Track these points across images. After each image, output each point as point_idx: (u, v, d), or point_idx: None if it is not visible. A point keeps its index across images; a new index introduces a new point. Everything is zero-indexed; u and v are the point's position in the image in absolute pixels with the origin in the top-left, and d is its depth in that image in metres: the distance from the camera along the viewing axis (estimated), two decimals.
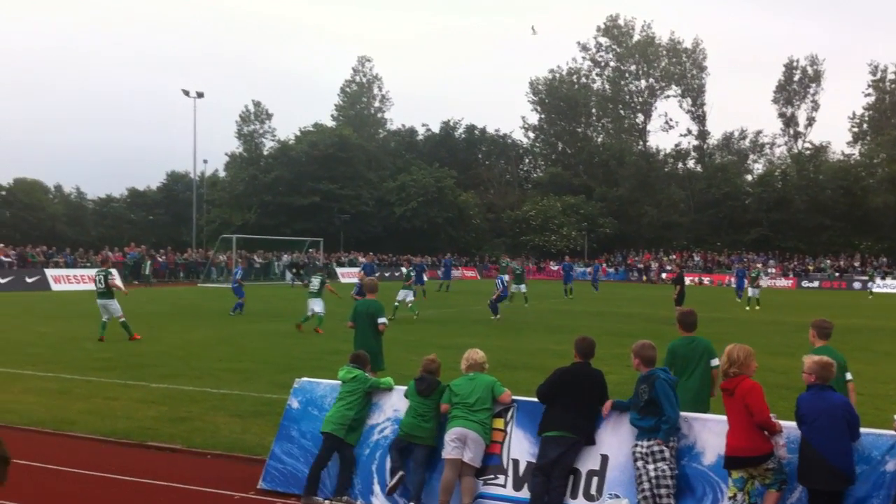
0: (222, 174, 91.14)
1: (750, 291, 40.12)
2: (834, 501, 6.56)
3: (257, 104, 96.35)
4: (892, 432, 6.77)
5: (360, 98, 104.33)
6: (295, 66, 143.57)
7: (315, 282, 25.45)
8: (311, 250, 64.60)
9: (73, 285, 46.55)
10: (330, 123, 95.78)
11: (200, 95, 67.23)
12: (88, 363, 17.29)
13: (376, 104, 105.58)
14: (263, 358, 18.47)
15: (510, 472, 8.00)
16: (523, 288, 37.17)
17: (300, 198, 78.83)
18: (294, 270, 57.40)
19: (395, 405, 8.80)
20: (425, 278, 43.44)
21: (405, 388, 8.82)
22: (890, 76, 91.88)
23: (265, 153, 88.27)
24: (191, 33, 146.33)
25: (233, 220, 77.29)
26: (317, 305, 24.65)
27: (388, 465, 8.40)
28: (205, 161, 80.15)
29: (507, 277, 32.42)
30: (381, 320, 12.76)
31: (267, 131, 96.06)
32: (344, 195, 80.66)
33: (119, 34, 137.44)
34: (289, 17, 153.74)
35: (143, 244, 62.73)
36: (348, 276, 59.37)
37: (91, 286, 45.95)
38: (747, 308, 38.86)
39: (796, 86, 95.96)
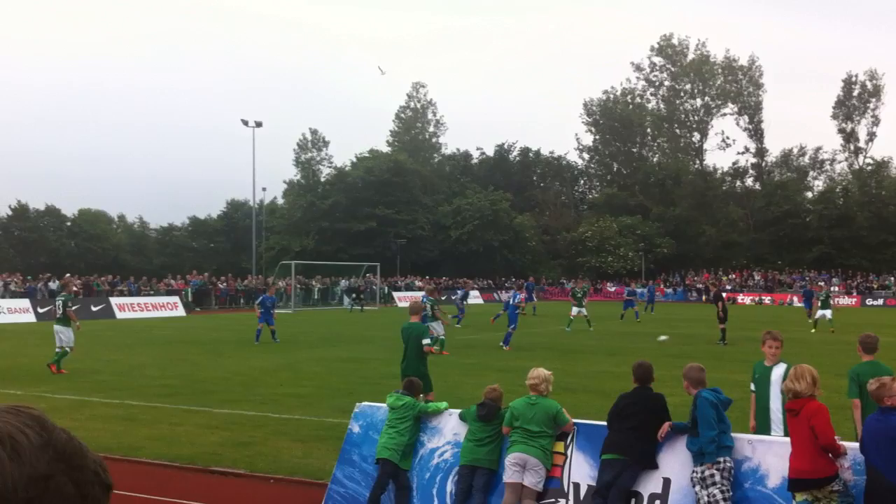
0: (280, 201, 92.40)
1: (818, 313, 39.10)
2: None
3: (314, 132, 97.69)
4: None
5: (414, 123, 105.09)
6: (351, 93, 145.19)
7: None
8: (368, 275, 65.03)
9: (137, 313, 47.49)
10: (385, 149, 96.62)
11: (259, 125, 68.31)
12: (153, 390, 17.62)
13: (431, 129, 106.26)
14: (323, 383, 18.64)
15: (571, 496, 7.97)
16: (584, 311, 36.77)
17: (357, 223, 79.49)
18: (353, 296, 57.79)
19: (454, 429, 8.83)
20: (534, 297, 47.14)
21: (459, 410, 8.87)
22: None
23: (322, 180, 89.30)
24: (249, 63, 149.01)
25: (291, 247, 78.16)
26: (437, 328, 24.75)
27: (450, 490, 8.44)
28: (263, 189, 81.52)
29: (520, 297, 31.67)
30: (426, 341, 12.91)
31: (324, 158, 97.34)
32: (400, 219, 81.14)
33: (180, 65, 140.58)
34: (345, 44, 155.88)
35: (205, 271, 63.74)
36: (403, 300, 59.59)
37: (154, 313, 47.76)
38: (813, 330, 37.98)
39: (856, 101, 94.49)
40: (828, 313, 38.21)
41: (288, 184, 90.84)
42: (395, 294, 65.08)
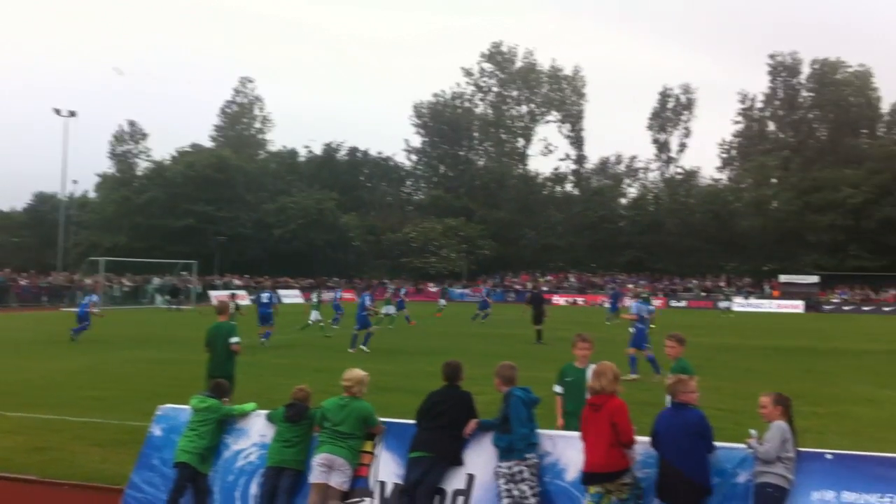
0: (93, 195, 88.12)
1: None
2: None
3: (132, 123, 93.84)
4: (743, 446, 6.96)
5: (240, 119, 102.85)
6: (173, 85, 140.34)
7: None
8: (183, 273, 62.89)
9: None
10: (209, 144, 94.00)
11: (73, 114, 64.92)
12: None
13: (257, 125, 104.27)
14: (129, 385, 17.87)
15: (377, 495, 7.92)
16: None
17: (174, 220, 76.92)
18: (167, 296, 55.73)
19: (260, 430, 8.65)
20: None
21: (267, 412, 8.68)
22: (758, 105, 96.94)
23: (139, 174, 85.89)
24: (64, 50, 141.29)
25: (102, 243, 74.75)
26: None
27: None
28: (74, 182, 77.59)
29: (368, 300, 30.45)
30: (234, 340, 12.76)
31: (142, 151, 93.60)
32: (221, 217, 79.14)
33: None
34: (167, 35, 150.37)
35: (7, 267, 59.89)
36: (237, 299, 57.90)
37: None
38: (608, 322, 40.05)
39: (670, 113, 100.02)
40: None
41: (102, 177, 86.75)
42: (213, 293, 63.16)
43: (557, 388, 9.48)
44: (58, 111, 64.75)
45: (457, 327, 38.98)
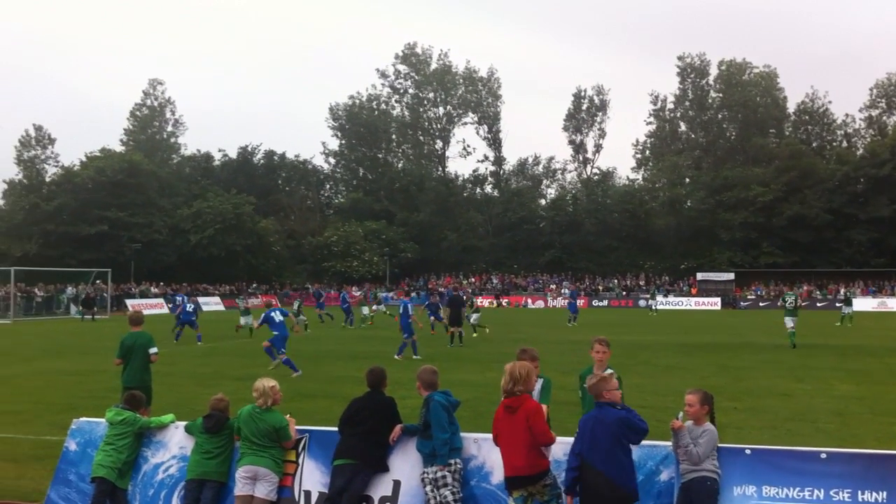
0: (0, 202, 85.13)
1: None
2: None
3: (38, 128, 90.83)
4: (666, 443, 7.04)
5: (151, 122, 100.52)
6: (80, 87, 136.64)
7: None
8: (97, 281, 61.24)
9: None
10: (119, 149, 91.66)
11: None
12: None
13: (169, 129, 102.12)
14: (42, 398, 17.28)
15: None
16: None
17: (87, 226, 74.75)
18: (81, 305, 54.22)
19: (180, 442, 8.49)
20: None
21: (185, 423, 8.52)
22: (669, 106, 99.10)
23: (47, 180, 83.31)
24: None
25: (12, 252, 72.22)
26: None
27: None
28: None
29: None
30: (153, 351, 12.60)
31: (49, 157, 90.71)
32: (135, 223, 77.27)
33: None
34: (73, 34, 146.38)
35: None
36: (137, 308, 56.69)
37: None
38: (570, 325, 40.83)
39: (584, 114, 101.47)
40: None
41: (8, 184, 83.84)
42: (129, 301, 61.67)
43: (581, 394, 9.28)
44: None
45: (381, 331, 38.84)
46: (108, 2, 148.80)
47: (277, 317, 22.07)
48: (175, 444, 8.49)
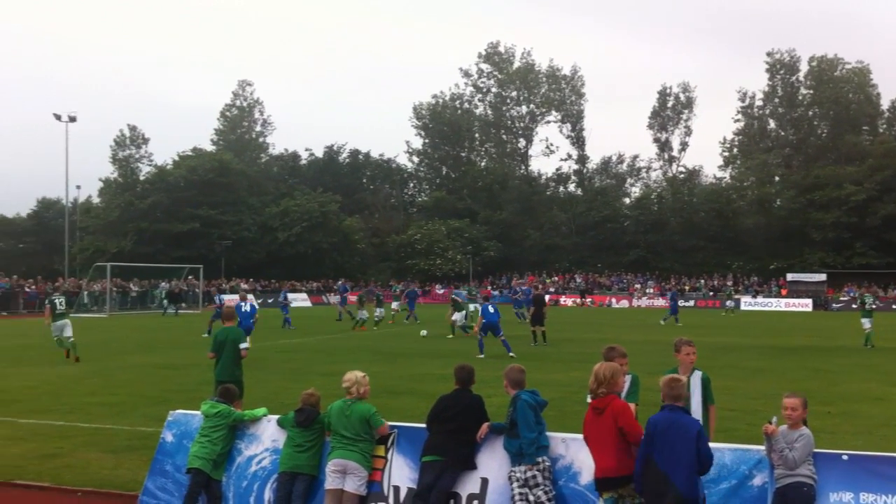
0: (96, 200, 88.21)
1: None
2: None
3: (133, 128, 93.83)
4: (759, 447, 6.90)
5: (240, 122, 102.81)
6: (174, 90, 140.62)
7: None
8: (189, 277, 62.93)
9: None
10: (210, 148, 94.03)
11: (73, 119, 64.91)
12: None
13: (258, 128, 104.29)
14: (137, 391, 17.83)
15: (391, 499, 7.91)
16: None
17: (178, 224, 76.91)
18: (165, 300, 55.65)
19: (272, 436, 8.63)
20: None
21: (277, 417, 8.68)
22: (757, 103, 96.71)
23: (141, 178, 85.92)
24: (63, 53, 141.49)
25: (107, 248, 74.73)
26: None
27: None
28: (78, 187, 77.68)
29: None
30: (244, 346, 12.85)
31: (143, 156, 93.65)
32: (225, 221, 79.16)
33: None
34: (166, 38, 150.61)
35: (13, 273, 59.92)
36: (228, 303, 58.01)
37: None
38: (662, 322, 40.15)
39: (670, 112, 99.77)
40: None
41: (104, 182, 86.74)
42: (223, 297, 63.18)
43: None
44: (58, 116, 64.71)
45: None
46: (201, 8, 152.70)
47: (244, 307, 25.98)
48: (268, 437, 8.62)
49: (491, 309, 27.24)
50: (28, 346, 29.38)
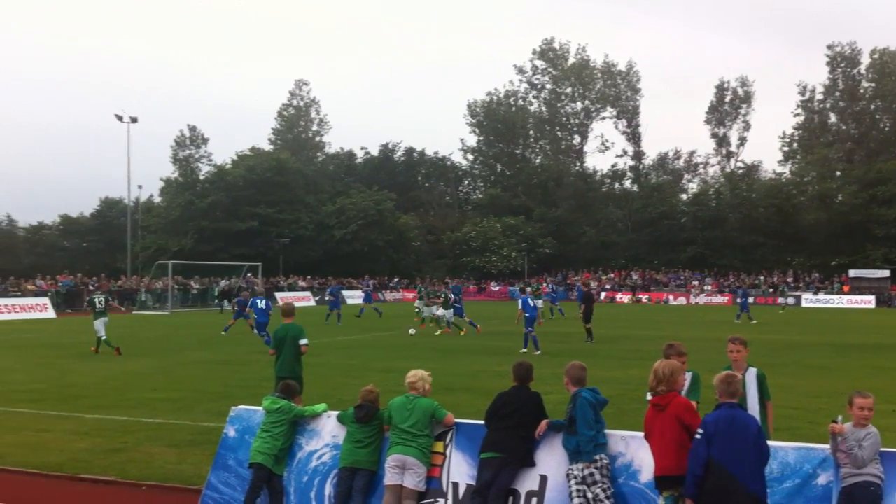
0: (157, 200, 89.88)
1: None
2: None
3: (192, 129, 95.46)
4: (823, 446, 6.80)
5: (297, 122, 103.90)
6: (232, 89, 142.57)
7: None
8: (248, 275, 63.81)
9: (4, 315, 45.21)
10: (267, 147, 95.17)
11: (134, 120, 66.26)
12: (18, 395, 16.83)
13: (314, 128, 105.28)
14: (199, 386, 18.15)
15: (450, 496, 7.93)
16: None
17: (238, 222, 77.98)
18: (217, 298, 56.29)
19: (332, 431, 8.71)
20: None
21: (337, 412, 8.76)
22: (818, 96, 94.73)
23: (201, 178, 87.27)
24: (123, 59, 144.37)
25: (169, 246, 76.04)
26: None
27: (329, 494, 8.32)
28: (139, 187, 79.38)
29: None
30: (304, 342, 12.92)
31: (203, 156, 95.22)
32: (282, 219, 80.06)
33: (50, 60, 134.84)
34: (224, 40, 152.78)
35: (77, 272, 61.34)
36: (285, 300, 58.61)
37: (21, 315, 45.62)
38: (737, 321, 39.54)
39: (728, 106, 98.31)
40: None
41: (165, 181, 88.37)
42: (277, 294, 63.98)
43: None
44: (119, 117, 66.04)
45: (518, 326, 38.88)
46: (258, 9, 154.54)
47: (260, 304, 29.46)
48: (328, 433, 8.70)
49: (531, 303, 27.36)
50: (92, 342, 30.02)
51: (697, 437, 6.52)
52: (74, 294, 54.41)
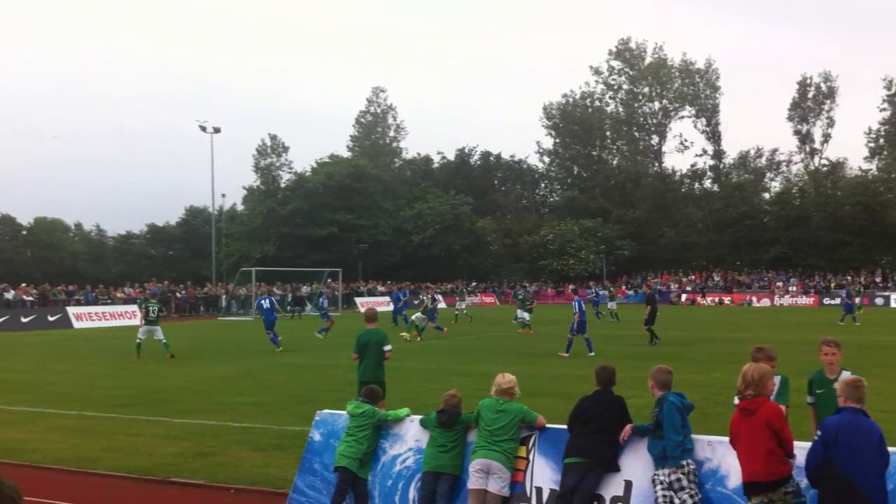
0: (240, 208, 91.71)
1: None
2: None
3: (273, 137, 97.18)
4: None
5: (374, 128, 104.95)
6: (311, 98, 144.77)
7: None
8: (328, 280, 64.64)
9: (95, 322, 46.74)
10: (346, 154, 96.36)
11: (217, 130, 67.78)
12: (109, 400, 17.32)
13: (391, 134, 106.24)
14: (284, 390, 18.43)
15: (534, 501, 7.91)
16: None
17: (318, 229, 79.03)
18: (289, 305, 56.87)
19: (416, 435, 8.77)
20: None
21: (420, 417, 8.82)
22: None
23: (282, 185, 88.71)
24: (205, 69, 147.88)
25: (251, 253, 77.45)
26: None
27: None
28: (223, 195, 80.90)
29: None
30: (387, 348, 12.98)
31: (283, 164, 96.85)
32: (361, 225, 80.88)
33: (133, 72, 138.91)
34: (302, 50, 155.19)
35: (164, 279, 62.96)
36: (381, 305, 59.25)
37: (112, 322, 47.09)
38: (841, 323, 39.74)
39: (811, 102, 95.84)
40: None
41: (247, 190, 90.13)
42: (358, 300, 64.69)
43: (809, 399, 8.82)
44: (203, 128, 67.60)
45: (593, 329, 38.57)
46: (334, 15, 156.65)
47: (265, 303, 30.97)
48: (411, 437, 8.76)
49: (583, 307, 27.26)
50: (180, 348, 30.72)
51: (815, 438, 6.41)
52: (162, 301, 55.74)
